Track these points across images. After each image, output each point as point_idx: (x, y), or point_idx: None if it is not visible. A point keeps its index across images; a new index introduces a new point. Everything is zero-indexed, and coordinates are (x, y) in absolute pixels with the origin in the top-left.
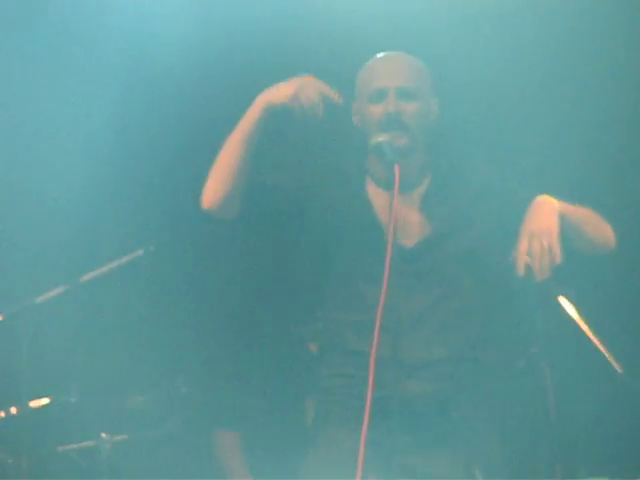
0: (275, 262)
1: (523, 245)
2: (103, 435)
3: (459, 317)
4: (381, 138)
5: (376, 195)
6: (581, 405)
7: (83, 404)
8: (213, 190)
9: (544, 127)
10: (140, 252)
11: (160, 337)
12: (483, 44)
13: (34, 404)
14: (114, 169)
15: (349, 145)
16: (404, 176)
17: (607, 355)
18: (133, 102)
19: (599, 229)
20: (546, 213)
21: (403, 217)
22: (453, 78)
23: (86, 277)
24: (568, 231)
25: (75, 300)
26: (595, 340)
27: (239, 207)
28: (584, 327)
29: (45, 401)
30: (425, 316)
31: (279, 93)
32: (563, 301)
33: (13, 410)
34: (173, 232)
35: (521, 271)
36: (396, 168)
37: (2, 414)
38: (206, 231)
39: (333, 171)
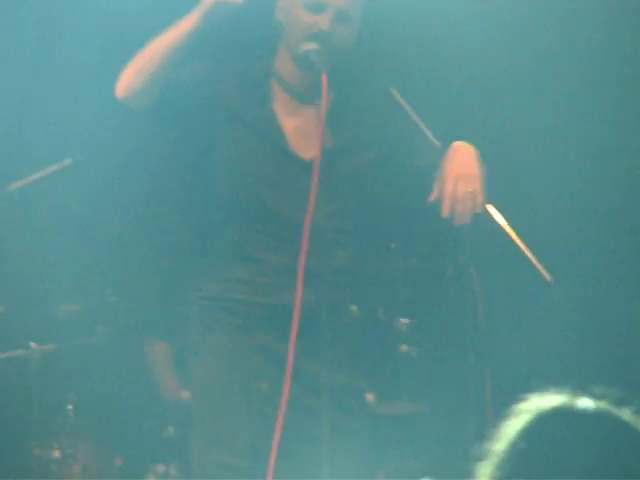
0: (182, 160)
1: (448, 188)
2: (32, 344)
3: (349, 233)
4: (310, 47)
5: (281, 101)
6: (510, 312)
7: (11, 313)
8: (130, 81)
9: (472, 73)
10: (68, 161)
11: (88, 245)
12: None
13: None
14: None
15: (258, 44)
16: (308, 87)
17: (535, 262)
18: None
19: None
20: (468, 158)
21: (304, 129)
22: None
23: (13, 186)
24: None
25: (2, 209)
26: (523, 247)
27: (153, 99)
28: (512, 234)
29: None
30: (318, 228)
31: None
32: (490, 209)
33: None
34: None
35: (446, 213)
36: (323, 77)
37: None
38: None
39: (237, 69)
